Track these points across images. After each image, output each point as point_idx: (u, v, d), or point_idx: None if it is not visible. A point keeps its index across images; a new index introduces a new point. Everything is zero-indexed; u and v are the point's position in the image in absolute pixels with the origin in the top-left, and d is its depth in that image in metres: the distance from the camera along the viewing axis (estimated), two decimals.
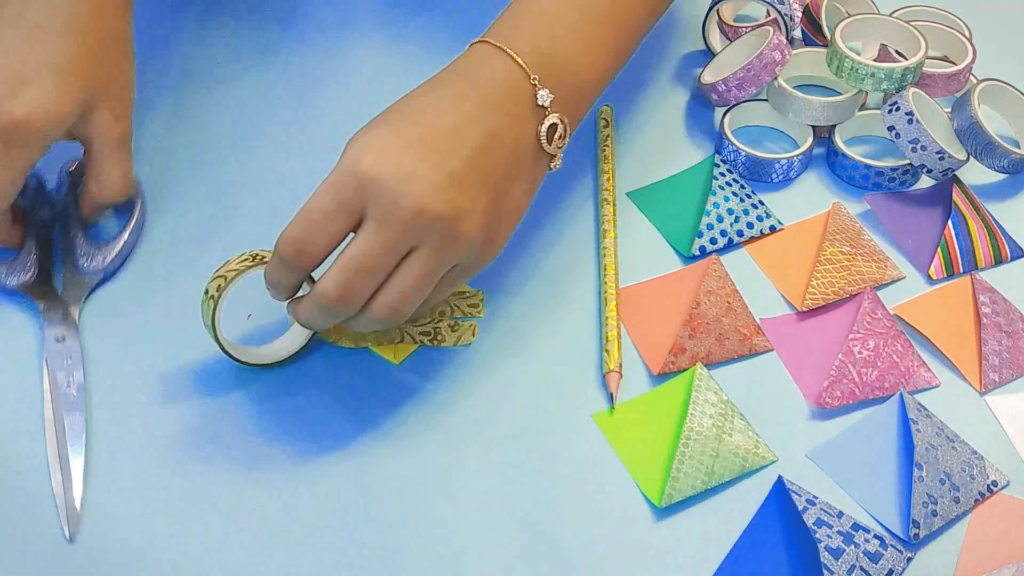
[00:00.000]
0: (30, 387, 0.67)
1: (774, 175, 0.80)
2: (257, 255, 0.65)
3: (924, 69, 0.80)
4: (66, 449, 0.64)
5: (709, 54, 0.87)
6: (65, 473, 0.63)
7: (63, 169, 0.75)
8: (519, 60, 0.64)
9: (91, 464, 0.64)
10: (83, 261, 0.72)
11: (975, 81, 0.83)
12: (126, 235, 0.73)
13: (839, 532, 0.61)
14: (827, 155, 0.82)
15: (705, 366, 0.69)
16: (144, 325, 0.71)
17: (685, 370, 0.69)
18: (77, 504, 0.62)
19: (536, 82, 0.64)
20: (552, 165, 0.67)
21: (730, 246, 0.76)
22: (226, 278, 0.64)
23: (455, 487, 0.64)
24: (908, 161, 0.78)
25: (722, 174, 0.78)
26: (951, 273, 0.75)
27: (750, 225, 0.76)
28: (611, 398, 0.68)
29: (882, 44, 0.83)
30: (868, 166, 0.79)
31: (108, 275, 0.72)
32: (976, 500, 0.64)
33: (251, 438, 0.66)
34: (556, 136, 0.65)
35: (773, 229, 0.77)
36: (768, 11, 0.85)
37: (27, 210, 0.74)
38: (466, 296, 0.71)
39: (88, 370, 0.68)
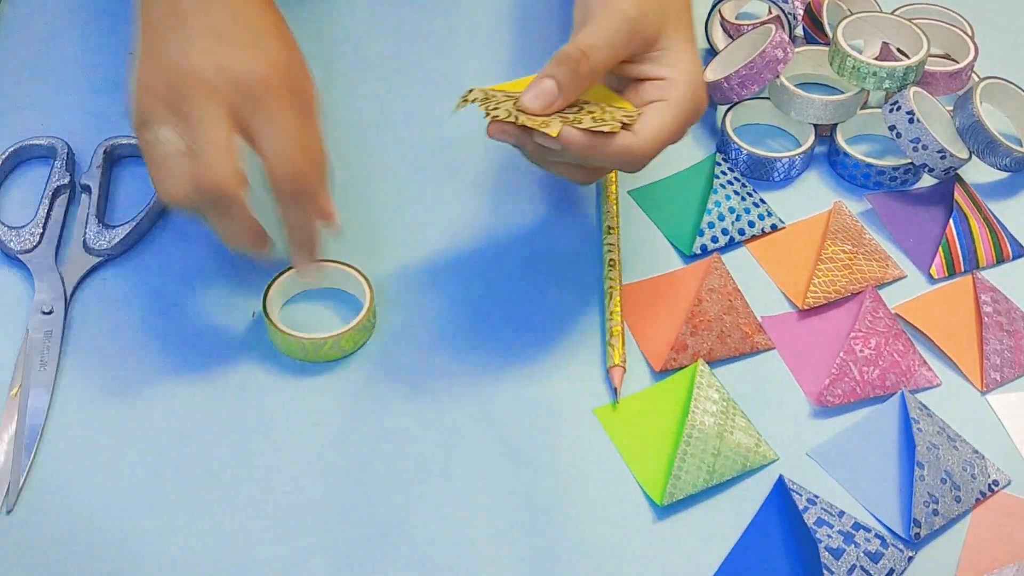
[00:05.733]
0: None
1: (775, 174, 0.80)
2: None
3: (926, 67, 0.80)
4: (24, 422, 0.64)
5: (711, 52, 0.87)
6: (17, 446, 0.63)
7: (98, 146, 0.75)
8: None
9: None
10: (91, 239, 0.72)
11: (977, 79, 0.83)
12: (138, 221, 0.73)
13: (840, 532, 0.61)
14: (829, 154, 0.81)
15: (707, 363, 0.69)
16: (134, 312, 0.70)
17: (686, 367, 0.69)
18: (20, 480, 0.62)
19: None
20: None
21: (731, 245, 0.76)
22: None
23: (454, 481, 0.64)
24: (910, 160, 0.78)
25: (723, 172, 0.78)
26: (952, 272, 0.75)
27: (751, 224, 0.76)
28: (615, 392, 0.68)
29: (884, 42, 0.83)
30: (870, 165, 0.79)
31: (112, 257, 0.72)
32: (977, 499, 0.65)
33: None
34: None
35: (774, 228, 0.77)
36: (770, 9, 0.85)
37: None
38: (622, 108, 0.68)
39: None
